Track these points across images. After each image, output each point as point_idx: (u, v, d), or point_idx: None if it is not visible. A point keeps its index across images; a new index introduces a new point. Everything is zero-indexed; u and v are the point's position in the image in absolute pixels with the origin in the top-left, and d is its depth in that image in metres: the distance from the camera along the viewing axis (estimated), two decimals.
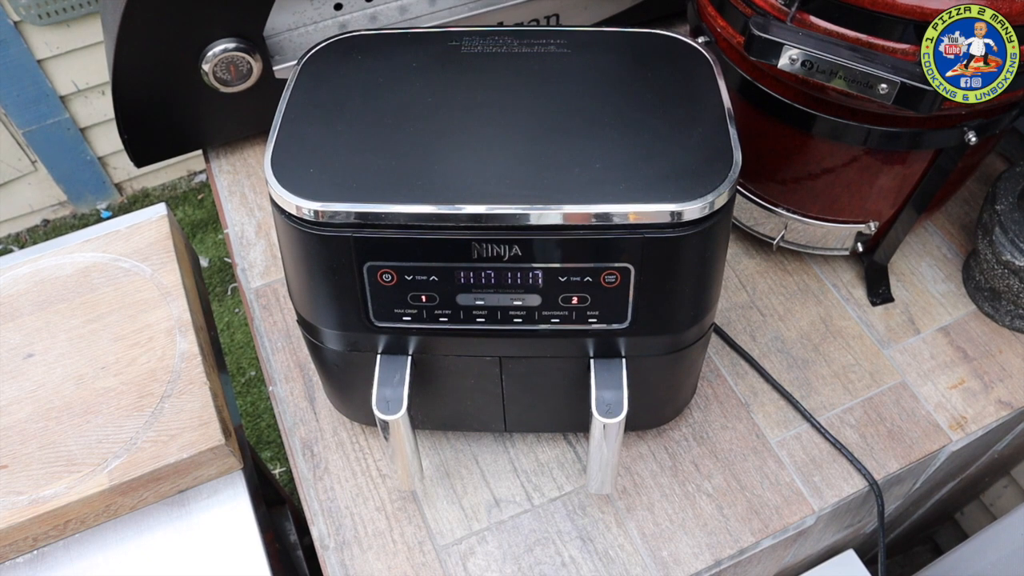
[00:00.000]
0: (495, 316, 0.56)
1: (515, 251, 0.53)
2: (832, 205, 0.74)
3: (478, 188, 0.52)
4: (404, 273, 0.54)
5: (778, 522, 0.69)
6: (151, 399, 0.71)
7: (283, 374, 0.78)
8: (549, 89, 0.59)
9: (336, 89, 0.59)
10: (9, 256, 0.83)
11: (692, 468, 0.72)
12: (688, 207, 0.51)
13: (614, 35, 0.63)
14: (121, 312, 0.77)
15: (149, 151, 0.90)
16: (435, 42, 0.63)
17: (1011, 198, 0.75)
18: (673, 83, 0.59)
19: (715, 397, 0.76)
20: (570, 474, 0.72)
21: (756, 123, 0.70)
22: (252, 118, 0.92)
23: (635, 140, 0.55)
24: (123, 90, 0.82)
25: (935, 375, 0.77)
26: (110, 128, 2.08)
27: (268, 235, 0.89)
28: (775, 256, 0.86)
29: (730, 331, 0.80)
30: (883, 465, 0.71)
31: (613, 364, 0.60)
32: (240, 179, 0.94)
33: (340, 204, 0.52)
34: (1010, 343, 0.79)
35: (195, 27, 0.79)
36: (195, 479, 0.71)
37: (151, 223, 0.84)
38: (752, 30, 0.57)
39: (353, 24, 0.90)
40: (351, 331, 0.60)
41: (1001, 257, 0.73)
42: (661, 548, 0.67)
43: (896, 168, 0.69)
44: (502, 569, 0.67)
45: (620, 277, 0.54)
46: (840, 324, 0.81)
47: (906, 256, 0.85)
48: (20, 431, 0.69)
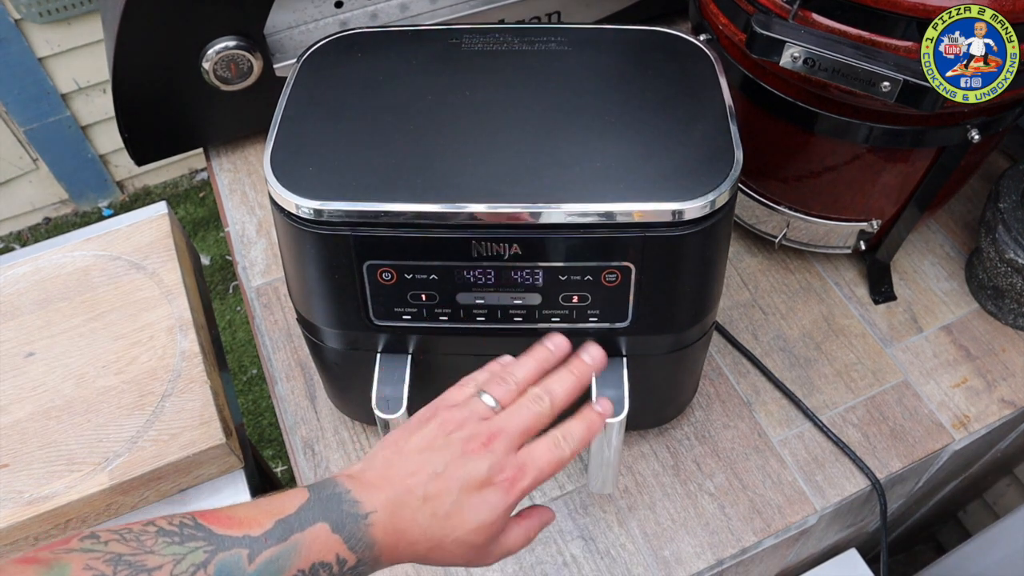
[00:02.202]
0: (495, 315, 0.56)
1: (515, 250, 0.53)
2: (834, 203, 0.74)
3: (478, 186, 0.52)
4: (404, 272, 0.54)
5: (780, 521, 0.68)
6: (152, 398, 0.71)
7: (284, 373, 0.78)
8: (550, 87, 0.58)
9: (336, 87, 0.59)
10: (10, 255, 0.83)
11: (694, 467, 0.71)
12: (689, 206, 0.50)
13: (615, 33, 0.63)
14: (122, 311, 0.77)
15: (149, 149, 0.90)
16: (436, 40, 0.63)
17: (1014, 196, 0.74)
18: (674, 81, 0.59)
19: (717, 396, 0.76)
20: (571, 473, 0.71)
21: (758, 121, 0.70)
22: (253, 116, 0.91)
23: (636, 138, 0.55)
24: (123, 88, 0.82)
25: (938, 374, 0.77)
26: (111, 126, 2.07)
27: (269, 233, 0.89)
28: (777, 254, 0.86)
29: (732, 330, 0.80)
30: (885, 464, 0.71)
31: (614, 363, 0.59)
32: (241, 177, 0.94)
33: (340, 203, 0.52)
34: (1013, 342, 0.78)
35: (195, 25, 0.79)
36: (196, 478, 0.71)
37: (151, 222, 0.84)
38: (754, 27, 0.56)
39: (353, 22, 0.90)
40: (351, 330, 0.59)
41: (1004, 255, 0.73)
42: (663, 547, 0.67)
43: (899, 166, 0.68)
44: (503, 568, 0.67)
45: (621, 276, 0.54)
46: (842, 322, 0.80)
47: (909, 254, 0.85)
48: (21, 430, 0.69)
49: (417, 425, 0.44)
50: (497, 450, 0.42)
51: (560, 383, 0.46)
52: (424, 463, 0.41)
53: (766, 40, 0.56)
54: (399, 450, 0.43)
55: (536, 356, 0.48)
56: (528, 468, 0.43)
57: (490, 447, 0.42)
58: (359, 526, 0.39)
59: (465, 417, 0.43)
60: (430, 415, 0.45)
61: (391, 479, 0.41)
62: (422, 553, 0.41)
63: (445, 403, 0.45)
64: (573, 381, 0.46)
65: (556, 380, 0.46)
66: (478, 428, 0.43)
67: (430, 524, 0.41)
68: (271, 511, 0.38)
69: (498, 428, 0.43)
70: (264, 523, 0.38)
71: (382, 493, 0.41)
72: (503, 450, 0.42)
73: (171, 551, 0.36)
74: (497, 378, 0.46)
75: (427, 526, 0.41)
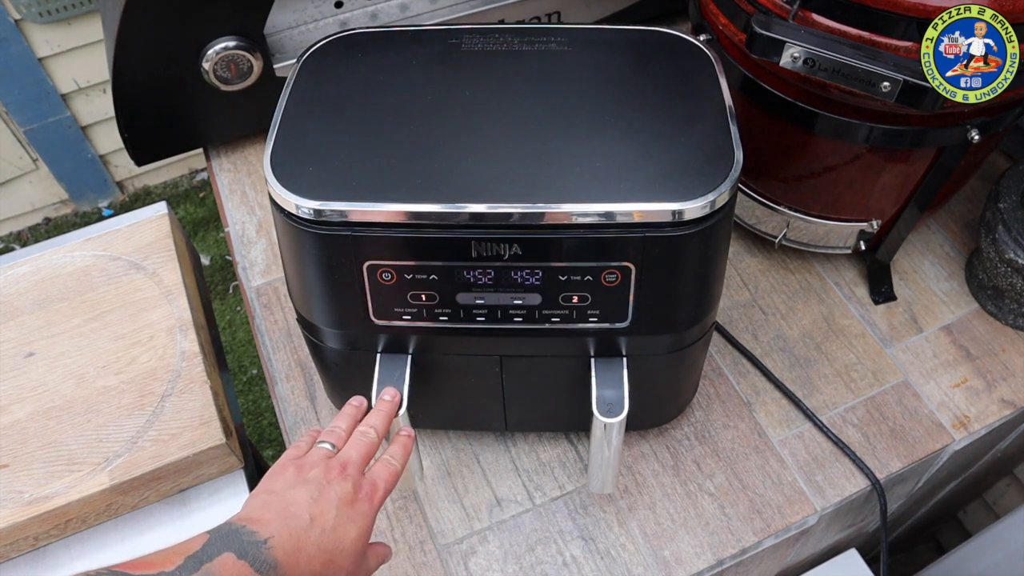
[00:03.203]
0: (495, 315, 0.56)
1: (515, 250, 0.53)
2: (834, 203, 0.74)
3: (478, 187, 0.52)
4: (404, 272, 0.54)
5: (780, 521, 0.68)
6: (152, 398, 0.71)
7: (284, 373, 0.78)
8: (550, 87, 0.58)
9: (336, 87, 0.59)
10: (10, 255, 0.83)
11: (694, 467, 0.71)
12: (689, 206, 0.50)
13: (615, 33, 0.63)
14: (122, 311, 0.77)
15: (149, 149, 0.90)
16: (435, 40, 0.62)
17: (1014, 196, 0.74)
18: (674, 81, 0.59)
19: (717, 396, 0.76)
20: (571, 473, 0.71)
21: (758, 121, 0.70)
22: (253, 116, 0.91)
23: (636, 138, 0.54)
24: (123, 88, 0.82)
25: (938, 374, 0.77)
26: (111, 126, 2.07)
27: (269, 234, 0.89)
28: (777, 254, 0.86)
29: (732, 330, 0.80)
30: (885, 464, 0.71)
31: (614, 363, 0.59)
32: (241, 177, 0.94)
33: (339, 203, 0.52)
34: (1013, 342, 0.78)
35: (195, 25, 0.79)
36: (196, 478, 0.71)
37: (151, 222, 0.84)
38: (754, 28, 0.56)
39: (353, 22, 0.90)
40: (351, 330, 0.59)
41: (1004, 255, 0.73)
42: (663, 547, 0.67)
43: (899, 166, 0.68)
44: (503, 568, 0.67)
45: (621, 276, 0.54)
46: (842, 323, 0.80)
47: (908, 254, 0.85)
48: (21, 430, 0.69)
49: (276, 474, 0.51)
50: (352, 474, 0.51)
51: (376, 417, 0.56)
52: (299, 495, 0.48)
53: (766, 40, 0.56)
54: (271, 493, 0.49)
55: (345, 414, 0.57)
56: (378, 483, 0.52)
57: (345, 473, 0.51)
58: (260, 551, 0.44)
59: (315, 460, 0.52)
60: (283, 466, 0.52)
61: (275, 513, 0.47)
62: (317, 569, 0.47)
63: (290, 457, 0.53)
64: (384, 415, 0.57)
65: (374, 417, 0.56)
66: (329, 464, 0.51)
67: (321, 539, 0.47)
68: (179, 551, 0.43)
69: (346, 459, 0.52)
70: (175, 560, 0.42)
71: (273, 523, 0.46)
72: (355, 473, 0.51)
73: None
74: (324, 433, 0.55)
75: (319, 541, 0.47)
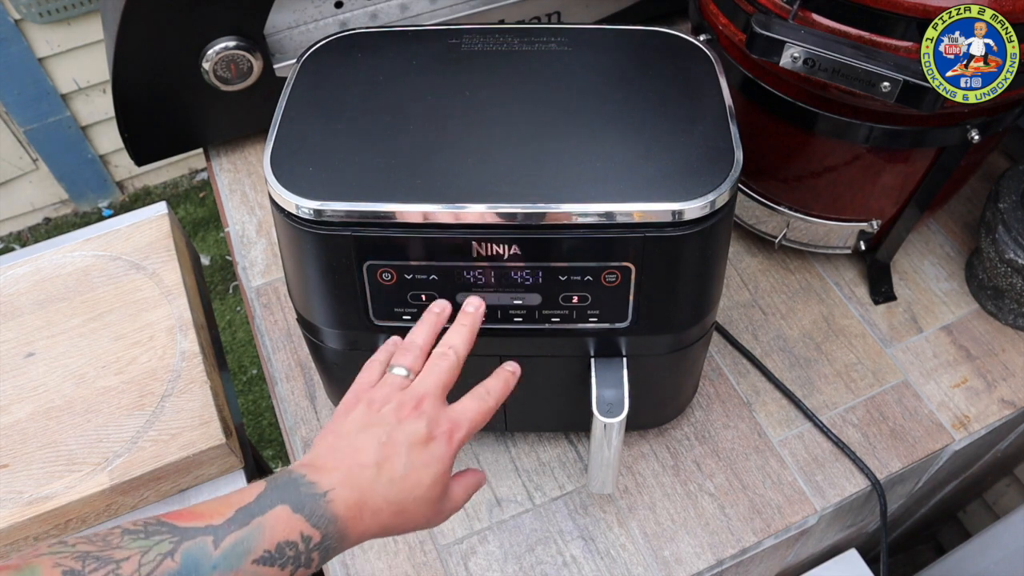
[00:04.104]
0: (495, 315, 0.56)
1: (515, 250, 0.53)
2: (834, 203, 0.74)
3: (478, 187, 0.52)
4: (404, 272, 0.54)
5: (780, 521, 0.68)
6: (152, 398, 0.71)
7: (284, 373, 0.78)
8: (550, 87, 0.58)
9: (336, 87, 0.59)
10: (10, 255, 0.83)
11: (694, 467, 0.71)
12: (689, 206, 0.50)
13: (615, 33, 0.63)
14: (122, 311, 0.77)
15: (149, 150, 0.90)
16: (435, 40, 0.62)
17: (1014, 196, 0.74)
18: (674, 81, 0.59)
19: (717, 396, 0.76)
20: (571, 473, 0.71)
21: (758, 121, 0.70)
22: (253, 116, 0.91)
23: (636, 138, 0.54)
24: (123, 88, 0.82)
25: (938, 374, 0.77)
26: (111, 126, 2.07)
27: (269, 234, 0.88)
28: (777, 254, 0.86)
29: (732, 330, 0.80)
30: (885, 464, 0.71)
31: (614, 363, 0.59)
32: (241, 177, 0.94)
33: (339, 203, 0.52)
34: (1013, 342, 0.78)
35: (195, 25, 0.79)
36: (196, 478, 0.71)
37: (151, 222, 0.84)
38: (754, 28, 0.56)
39: (353, 22, 0.89)
40: (351, 330, 0.59)
41: (1004, 255, 0.73)
42: (663, 548, 0.67)
43: (899, 166, 0.68)
44: (503, 568, 0.67)
45: (621, 276, 0.54)
46: (842, 323, 0.80)
47: (908, 255, 0.85)
48: (21, 430, 0.69)
49: (346, 412, 0.47)
50: (428, 410, 0.46)
51: (457, 335, 0.50)
52: (367, 438, 0.44)
53: (766, 40, 0.56)
54: (339, 436, 0.45)
55: (425, 322, 0.51)
56: (461, 420, 0.47)
57: (420, 408, 0.45)
58: (319, 504, 0.41)
59: (387, 392, 0.46)
60: (354, 401, 0.47)
61: (340, 460, 0.43)
62: (386, 521, 0.44)
63: (362, 386, 0.48)
64: (467, 331, 0.50)
65: (453, 334, 0.50)
66: (403, 397, 0.46)
67: (389, 489, 0.43)
68: (231, 502, 0.40)
69: (421, 391, 0.46)
70: (225, 513, 0.40)
71: (336, 472, 0.43)
72: (433, 408, 0.46)
73: (137, 544, 0.37)
74: (400, 351, 0.49)
75: (387, 492, 0.43)
